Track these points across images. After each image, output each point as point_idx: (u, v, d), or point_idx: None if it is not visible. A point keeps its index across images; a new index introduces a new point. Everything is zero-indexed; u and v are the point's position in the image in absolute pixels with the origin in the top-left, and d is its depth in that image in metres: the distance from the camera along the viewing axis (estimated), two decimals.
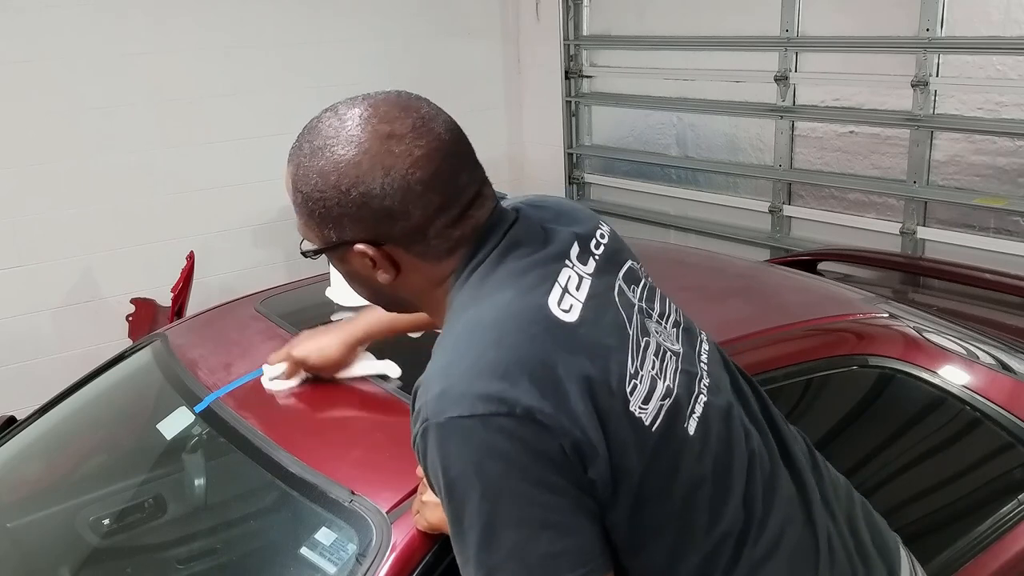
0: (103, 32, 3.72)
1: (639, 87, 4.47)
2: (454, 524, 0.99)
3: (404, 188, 1.05)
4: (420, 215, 1.06)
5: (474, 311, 1.05)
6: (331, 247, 1.11)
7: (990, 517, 1.70)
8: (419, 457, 1.02)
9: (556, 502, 0.97)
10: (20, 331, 3.73)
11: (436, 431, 0.97)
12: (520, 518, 0.96)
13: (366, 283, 1.15)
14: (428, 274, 1.11)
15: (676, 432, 1.06)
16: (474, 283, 1.08)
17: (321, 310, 2.00)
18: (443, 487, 0.98)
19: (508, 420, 0.95)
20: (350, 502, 1.32)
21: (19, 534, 1.87)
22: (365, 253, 1.08)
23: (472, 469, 0.96)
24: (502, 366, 0.98)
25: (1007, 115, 3.23)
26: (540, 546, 0.96)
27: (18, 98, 3.59)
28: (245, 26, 4.05)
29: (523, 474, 0.96)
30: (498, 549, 0.96)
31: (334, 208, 1.07)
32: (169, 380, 1.83)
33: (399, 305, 1.20)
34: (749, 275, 2.36)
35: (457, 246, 1.10)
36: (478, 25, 4.72)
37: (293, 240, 1.18)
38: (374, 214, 1.06)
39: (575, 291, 1.08)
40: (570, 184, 4.80)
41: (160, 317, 3.39)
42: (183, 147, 3.99)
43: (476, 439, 0.96)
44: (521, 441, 0.95)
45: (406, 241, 1.08)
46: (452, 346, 1.04)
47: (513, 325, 1.02)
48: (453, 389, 0.98)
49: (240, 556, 1.69)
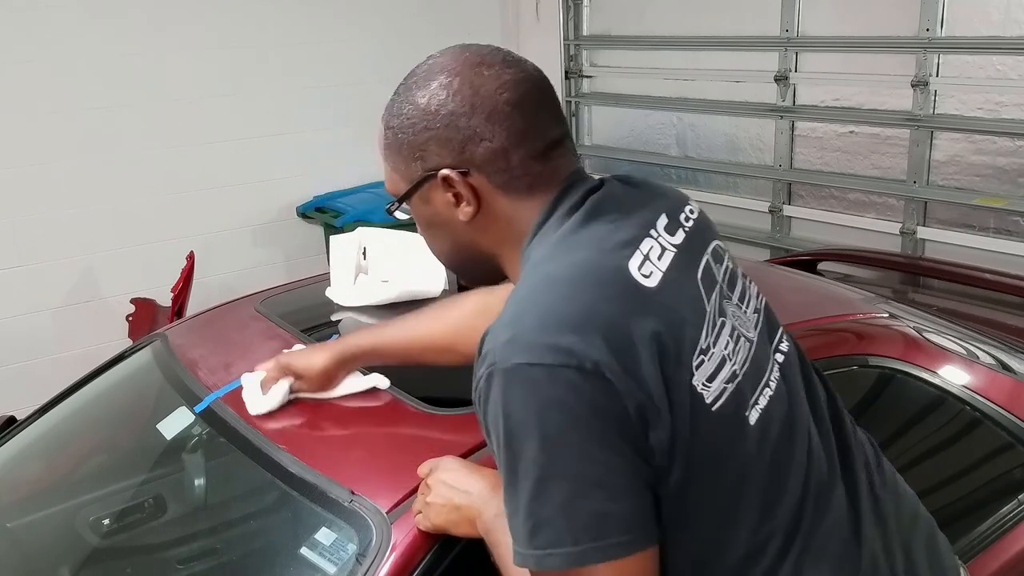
0: (103, 32, 3.73)
1: (639, 87, 4.47)
2: (508, 472, 0.98)
3: (492, 107, 1.07)
4: (505, 137, 1.08)
5: (551, 266, 1.05)
6: (416, 185, 1.12)
7: (990, 517, 1.70)
8: (479, 403, 1.01)
9: (613, 462, 0.96)
10: (20, 331, 3.73)
11: (501, 376, 0.96)
12: (575, 473, 0.95)
13: (447, 228, 1.15)
14: (508, 214, 1.11)
15: (735, 418, 1.05)
16: (554, 241, 1.08)
17: (321, 310, 2.00)
18: (502, 433, 0.97)
19: (576, 373, 0.94)
20: (350, 502, 1.32)
21: (19, 534, 1.87)
22: (450, 182, 1.09)
23: (534, 418, 0.94)
24: (575, 319, 0.97)
25: (1007, 115, 3.23)
26: (591, 504, 0.94)
27: (18, 98, 3.59)
28: (245, 26, 4.05)
29: (584, 429, 0.95)
30: (549, 501, 0.95)
31: (422, 132, 1.09)
32: (169, 380, 1.83)
33: (477, 262, 1.18)
34: (749, 275, 2.36)
35: (539, 185, 1.11)
36: (478, 25, 4.72)
37: (293, 240, 1.19)
38: (461, 133, 1.07)
39: (656, 260, 1.07)
40: None
41: (160, 317, 3.39)
42: (183, 147, 3.99)
43: (541, 388, 0.94)
44: (586, 396, 0.94)
45: (490, 167, 1.09)
46: (525, 296, 1.03)
47: (590, 281, 1.02)
48: (523, 337, 0.97)
49: (240, 556, 1.69)
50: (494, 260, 1.16)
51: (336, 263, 2.04)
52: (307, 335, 1.84)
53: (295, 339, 1.83)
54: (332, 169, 4.33)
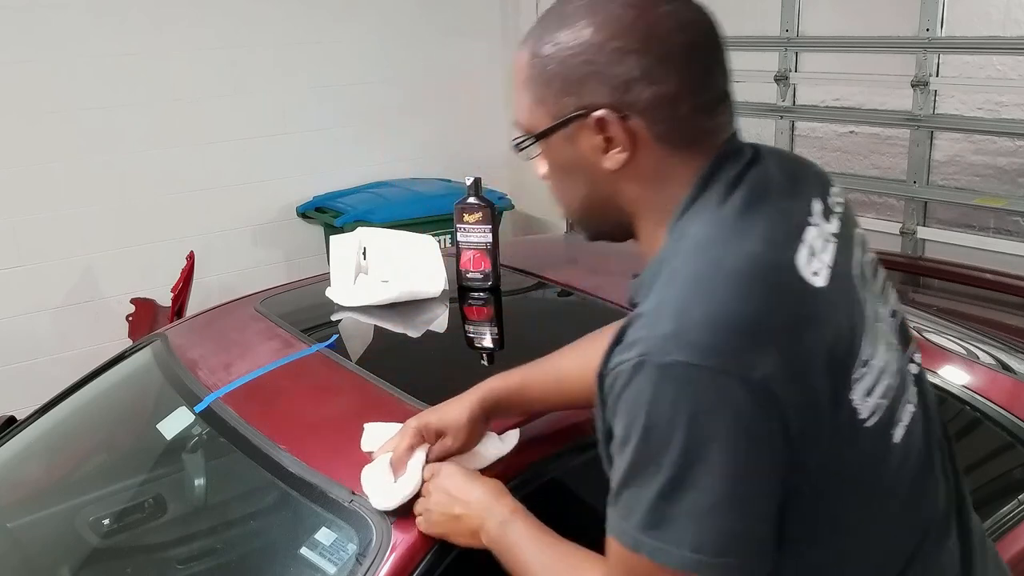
0: (103, 32, 3.73)
1: None
2: (638, 461, 0.90)
3: (668, 48, 0.97)
4: (677, 83, 0.98)
5: (717, 252, 0.94)
6: (563, 122, 1.01)
7: (990, 517, 1.69)
8: (611, 387, 0.93)
9: (755, 486, 0.90)
10: (20, 331, 3.73)
11: (656, 370, 0.88)
12: (711, 487, 0.88)
13: (585, 175, 1.04)
14: (660, 169, 1.01)
15: (883, 435, 0.99)
16: (718, 220, 0.97)
17: (321, 310, 2.00)
18: (639, 428, 0.89)
19: (740, 385, 0.87)
20: (350, 502, 1.32)
21: (19, 534, 1.87)
22: (604, 124, 0.99)
23: (683, 420, 0.87)
24: (747, 323, 0.89)
25: (1007, 115, 3.23)
26: (721, 521, 0.89)
27: (18, 98, 3.59)
28: (245, 26, 4.05)
29: (734, 448, 0.88)
30: (678, 505, 0.89)
31: (582, 66, 0.98)
32: (169, 380, 1.83)
33: (608, 217, 1.08)
34: None
35: (700, 142, 1.01)
36: (478, 25, 4.72)
37: (293, 240, 1.17)
38: (628, 72, 0.97)
39: (821, 254, 0.98)
40: None
41: (160, 317, 3.39)
42: (183, 147, 3.99)
43: (699, 391, 0.87)
44: (745, 412, 0.87)
45: (653, 114, 0.98)
46: (691, 285, 0.92)
47: (764, 283, 0.92)
48: (688, 333, 0.88)
49: (240, 556, 1.69)
50: (629, 219, 1.06)
51: (336, 263, 2.04)
52: (307, 335, 1.84)
53: (295, 339, 1.83)
54: (332, 169, 4.33)
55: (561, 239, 4.16)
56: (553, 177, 1.09)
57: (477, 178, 2.04)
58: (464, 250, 2.04)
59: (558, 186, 1.10)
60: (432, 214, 3.94)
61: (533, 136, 1.06)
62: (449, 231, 2.45)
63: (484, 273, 2.03)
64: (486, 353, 1.94)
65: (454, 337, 2.01)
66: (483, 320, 2.05)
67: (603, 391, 0.96)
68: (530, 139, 1.07)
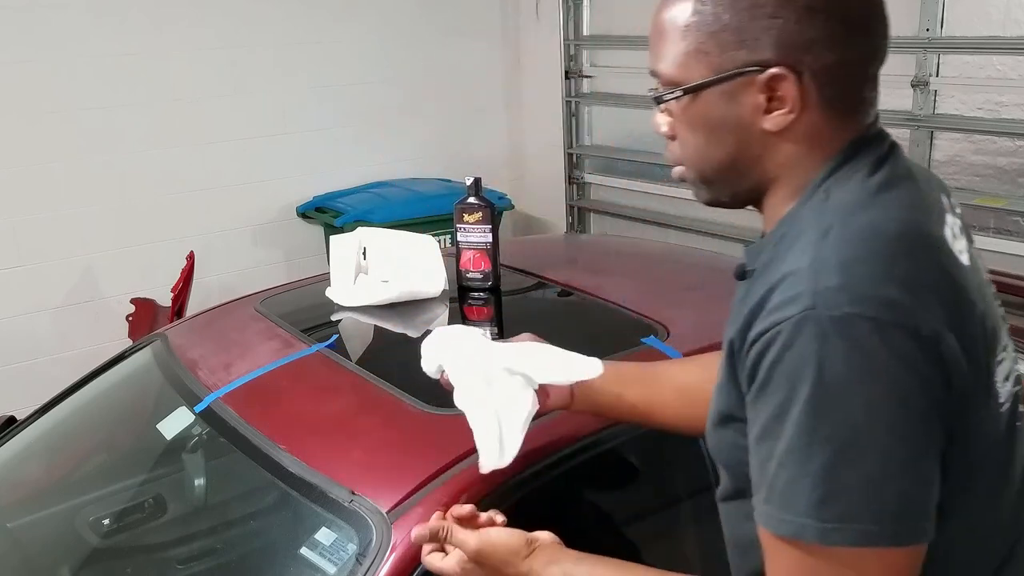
0: (103, 32, 3.72)
1: (639, 87, 4.46)
2: (802, 431, 0.85)
3: (854, 14, 0.94)
4: (860, 50, 0.95)
5: (874, 214, 0.91)
6: (728, 76, 0.95)
7: None
8: (763, 353, 0.88)
9: (926, 444, 0.86)
10: (20, 331, 3.73)
11: (825, 324, 0.84)
12: (886, 448, 0.83)
13: (737, 135, 0.98)
14: (815, 134, 0.96)
15: (1011, 424, 0.97)
16: (868, 188, 0.94)
17: (321, 310, 2.00)
18: (807, 388, 0.84)
19: (911, 337, 0.84)
20: (350, 502, 1.32)
21: (19, 534, 1.87)
22: (777, 83, 0.93)
23: (855, 379, 0.83)
24: (912, 281, 0.86)
25: (1007, 115, 3.23)
26: (898, 483, 0.84)
27: (18, 98, 3.59)
28: (245, 26, 4.05)
29: (908, 402, 0.84)
30: (851, 473, 0.84)
31: (762, 19, 0.92)
32: (169, 380, 1.83)
33: (745, 181, 1.02)
34: None
35: (858, 111, 0.98)
36: (478, 25, 4.72)
37: (293, 240, 1.16)
38: (814, 31, 0.92)
39: (957, 239, 0.97)
40: (570, 184, 4.80)
41: (160, 317, 3.39)
42: (183, 147, 3.99)
43: (870, 347, 0.83)
44: (918, 365, 0.84)
45: (827, 77, 0.94)
46: (852, 241, 0.89)
47: (923, 246, 0.90)
48: (858, 286, 0.85)
49: (240, 556, 1.69)
50: (767, 183, 1.01)
51: (336, 263, 2.04)
52: (307, 335, 1.84)
53: (295, 339, 1.83)
54: (332, 169, 4.33)
55: (561, 239, 4.17)
56: (691, 133, 1.01)
57: (477, 178, 2.05)
58: (464, 250, 2.04)
59: (693, 143, 1.01)
60: (432, 214, 3.94)
61: (682, 88, 0.98)
62: (449, 231, 2.45)
63: (484, 273, 2.03)
64: None
65: None
66: (483, 320, 2.05)
67: (737, 360, 0.92)
68: (678, 91, 0.98)
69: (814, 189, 0.97)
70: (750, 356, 0.90)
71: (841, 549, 0.84)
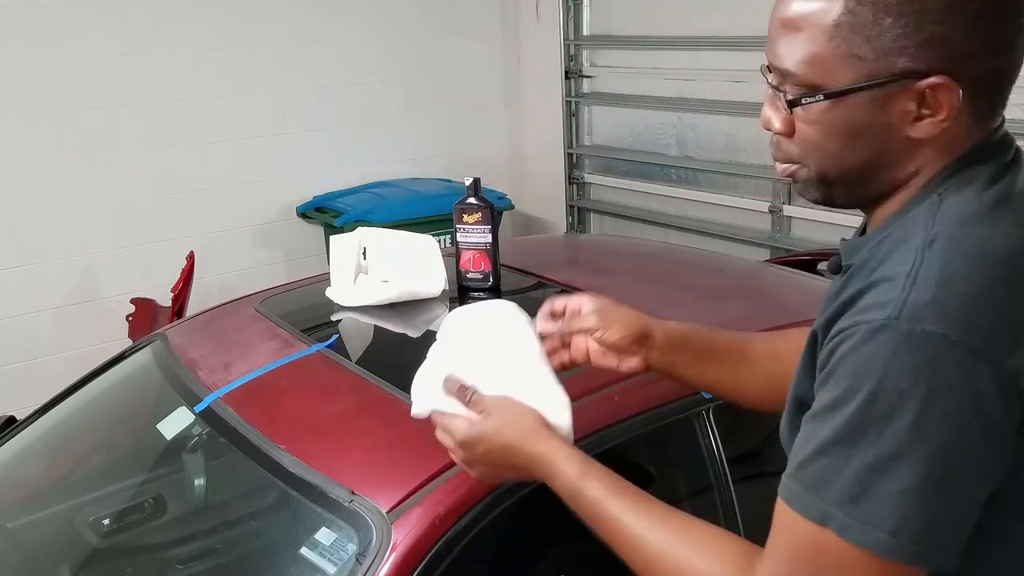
0: (103, 32, 3.72)
1: (639, 87, 4.46)
2: (853, 426, 0.84)
3: (1015, 20, 0.89)
4: (1012, 58, 0.90)
5: (989, 231, 0.88)
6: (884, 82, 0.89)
7: None
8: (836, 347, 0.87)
9: (975, 476, 0.85)
10: (20, 331, 3.73)
11: (903, 336, 0.82)
12: (930, 470, 0.82)
13: (876, 142, 0.93)
14: (957, 141, 0.92)
15: None
16: (978, 196, 0.90)
17: (321, 310, 2.00)
18: (866, 392, 0.83)
19: (990, 368, 0.82)
20: (350, 502, 1.32)
21: (19, 534, 1.87)
22: (936, 90, 0.88)
23: (921, 393, 0.81)
24: (1007, 310, 0.84)
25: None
26: (930, 506, 0.83)
27: (19, 98, 3.59)
28: (245, 26, 4.05)
29: (967, 435, 0.83)
30: (889, 482, 0.83)
31: (930, 26, 0.86)
32: (169, 380, 1.83)
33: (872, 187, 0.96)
34: (749, 275, 2.36)
35: (993, 117, 0.94)
36: (478, 25, 4.72)
37: (293, 240, 1.15)
38: (979, 40, 0.87)
39: None
40: (570, 184, 4.80)
41: (160, 317, 3.39)
42: (183, 147, 3.99)
43: (946, 367, 0.82)
44: (990, 403, 0.82)
45: (981, 85, 0.90)
46: (957, 257, 0.86)
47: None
48: (950, 306, 0.83)
49: (240, 556, 1.69)
50: (896, 187, 0.95)
51: (336, 263, 2.04)
52: (307, 335, 1.84)
53: (295, 339, 1.83)
54: (332, 169, 4.33)
55: (561, 239, 4.17)
56: (822, 137, 0.94)
57: (476, 178, 2.04)
58: (464, 250, 2.04)
59: (823, 147, 0.95)
60: (432, 214, 3.94)
61: (827, 93, 0.91)
62: (449, 231, 2.45)
63: (484, 273, 2.03)
64: None
65: None
66: None
67: (818, 350, 0.91)
68: (819, 95, 0.92)
69: (929, 192, 0.93)
70: (827, 347, 0.90)
71: (851, 546, 0.85)
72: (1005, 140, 0.96)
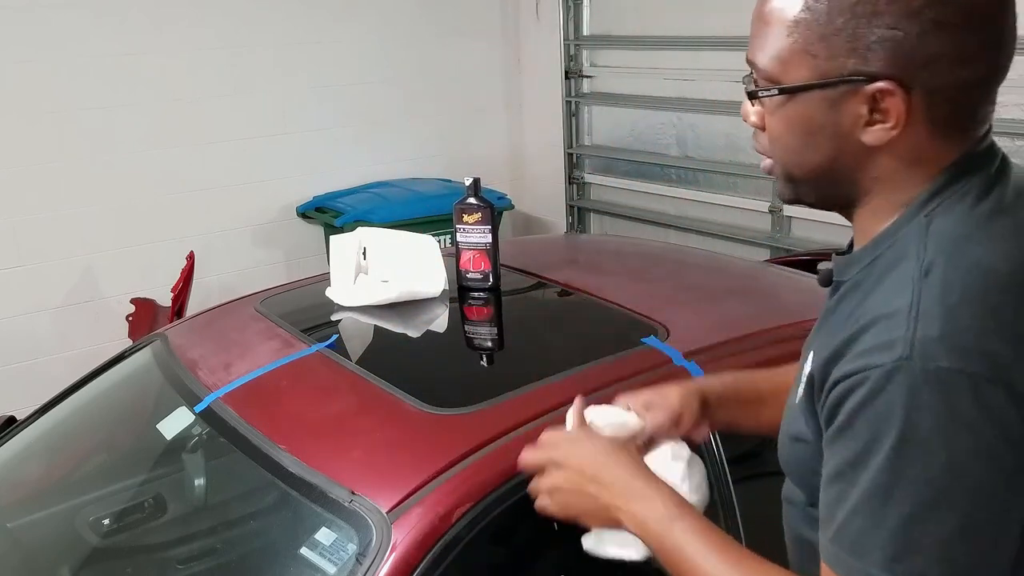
0: (103, 32, 3.72)
1: (639, 87, 4.47)
2: (883, 478, 0.82)
3: (988, 30, 0.87)
4: (983, 69, 0.88)
5: (985, 253, 0.86)
6: (832, 83, 0.89)
7: None
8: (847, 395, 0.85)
9: (1010, 504, 0.83)
10: (20, 331, 3.73)
11: (917, 377, 0.81)
12: (969, 509, 0.81)
13: (832, 143, 0.92)
14: (918, 153, 0.91)
15: None
16: (969, 215, 0.89)
17: (321, 310, 2.00)
18: (892, 438, 0.81)
19: (1007, 392, 0.80)
20: (350, 502, 1.32)
21: (19, 534, 1.87)
22: (883, 97, 0.87)
23: (943, 435, 0.80)
24: (1012, 331, 0.82)
25: (1007, 115, 3.23)
26: (975, 547, 0.82)
27: (18, 98, 3.59)
28: (245, 26, 4.05)
29: (996, 463, 0.81)
30: (931, 531, 0.81)
31: (880, 28, 0.85)
32: (169, 380, 1.83)
33: (838, 189, 0.96)
34: (749, 275, 2.36)
35: (970, 130, 0.92)
36: (478, 25, 4.72)
37: (293, 240, 1.15)
38: (939, 48, 0.85)
39: None
40: (570, 184, 4.80)
41: (160, 317, 3.39)
42: (183, 147, 3.99)
43: (962, 401, 0.80)
44: (1010, 425, 0.81)
45: (941, 95, 0.88)
46: (957, 286, 0.84)
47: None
48: (959, 338, 0.81)
49: (240, 556, 1.69)
50: (859, 194, 0.95)
51: (336, 263, 2.04)
52: (307, 335, 1.84)
53: (295, 339, 1.83)
54: (332, 169, 4.33)
55: (561, 239, 4.17)
56: (784, 132, 0.95)
57: (476, 178, 2.04)
58: (464, 250, 2.04)
59: (785, 142, 0.96)
60: (432, 214, 3.94)
61: (781, 88, 0.92)
62: (449, 231, 2.45)
63: (484, 273, 2.03)
64: (486, 353, 1.94)
65: (454, 337, 2.01)
66: (483, 320, 2.05)
67: (823, 396, 0.89)
68: (775, 90, 0.92)
69: (916, 211, 0.91)
70: (832, 395, 0.88)
71: None
72: (990, 151, 0.95)
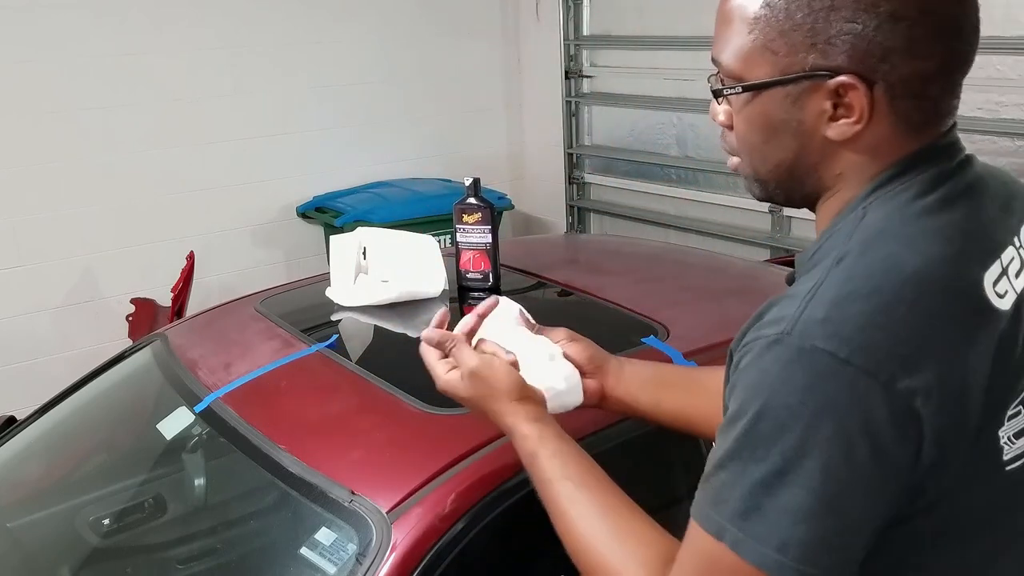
0: (103, 32, 3.72)
1: (639, 87, 4.47)
2: (743, 443, 0.84)
3: (941, 22, 0.87)
4: (941, 62, 0.88)
5: (899, 248, 0.86)
6: (794, 79, 0.89)
7: None
8: (740, 357, 0.88)
9: (864, 498, 0.83)
10: (20, 331, 3.73)
11: (792, 352, 0.82)
12: (817, 488, 0.81)
13: (795, 140, 0.93)
14: (882, 147, 0.91)
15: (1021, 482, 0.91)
16: (902, 211, 0.89)
17: (321, 310, 2.00)
18: (758, 407, 0.83)
19: (881, 390, 0.81)
20: (350, 502, 1.32)
21: (19, 534, 1.87)
22: (845, 91, 0.88)
23: (808, 411, 0.81)
24: (906, 330, 0.82)
25: (1007, 115, 3.23)
26: (818, 527, 0.83)
27: (18, 98, 3.59)
28: (245, 26, 4.05)
29: (855, 450, 0.81)
30: (778, 500, 0.83)
31: (838, 22, 0.86)
32: (169, 380, 1.83)
33: (801, 187, 0.97)
34: (749, 275, 2.36)
35: (930, 125, 0.91)
36: (478, 25, 4.72)
37: (293, 240, 1.16)
38: (893, 40, 0.85)
39: (1014, 277, 0.90)
40: (570, 184, 4.80)
41: (160, 317, 3.39)
42: (183, 147, 3.99)
43: (834, 387, 0.81)
44: (878, 417, 0.81)
45: (901, 89, 0.87)
46: (858, 276, 0.85)
47: (940, 293, 0.85)
48: (843, 325, 0.82)
49: (240, 556, 1.69)
50: (824, 189, 0.95)
51: (336, 263, 2.04)
52: (307, 335, 1.84)
53: (295, 339, 1.83)
54: (332, 169, 4.33)
55: (561, 239, 4.17)
56: (748, 130, 0.96)
57: (476, 178, 2.04)
58: (464, 250, 2.04)
59: (752, 142, 0.97)
60: (432, 214, 3.94)
61: (744, 85, 0.93)
62: (449, 231, 2.45)
63: (484, 273, 2.03)
64: None
65: None
66: None
67: (730, 367, 0.91)
68: (738, 87, 0.94)
69: (857, 204, 0.92)
70: (733, 359, 0.91)
71: (743, 561, 0.85)
72: (949, 147, 0.94)
